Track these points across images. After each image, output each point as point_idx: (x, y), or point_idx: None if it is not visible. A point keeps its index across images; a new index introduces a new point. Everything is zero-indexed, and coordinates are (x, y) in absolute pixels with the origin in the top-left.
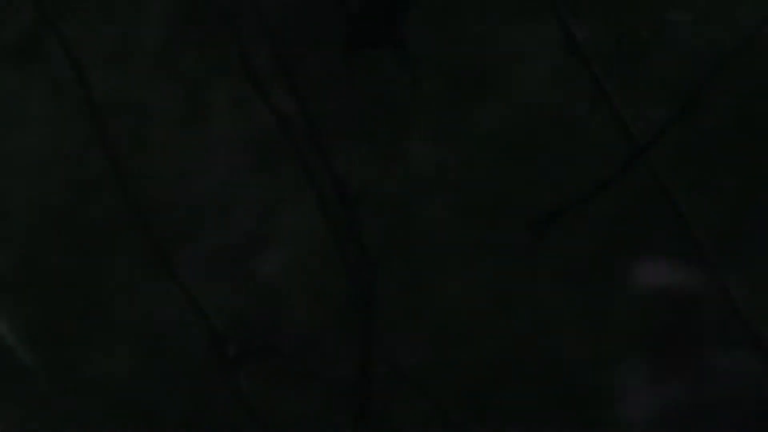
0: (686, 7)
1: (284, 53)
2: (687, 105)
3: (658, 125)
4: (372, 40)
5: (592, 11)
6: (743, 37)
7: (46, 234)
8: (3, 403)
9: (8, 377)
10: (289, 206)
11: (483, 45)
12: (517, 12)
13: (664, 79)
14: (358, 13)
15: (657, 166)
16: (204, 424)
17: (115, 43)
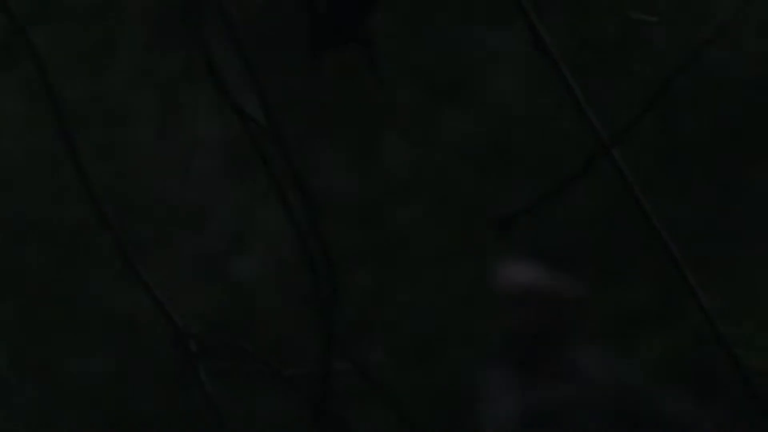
0: (653, 7)
1: (250, 56)
2: (651, 103)
3: (623, 125)
4: (338, 39)
5: (558, 12)
6: (711, 36)
7: (19, 237)
8: None
9: None
10: (264, 210)
11: (457, 48)
12: (491, 15)
13: (632, 78)
14: (325, 13)
15: (631, 170)
16: (180, 426)
17: (91, 47)
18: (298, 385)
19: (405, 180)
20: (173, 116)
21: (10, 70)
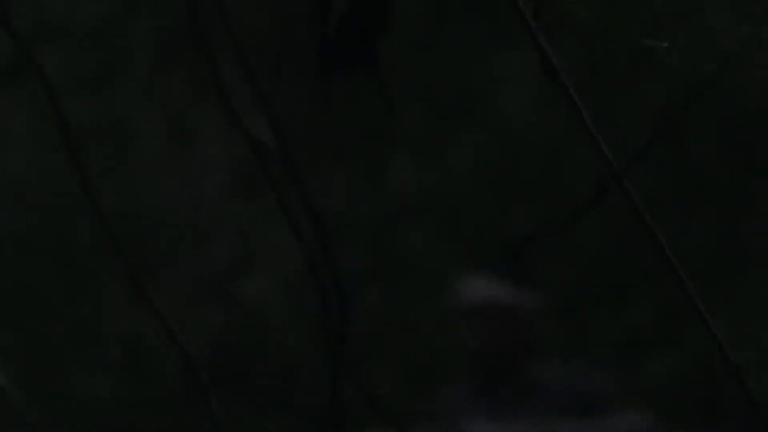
0: (664, 33)
1: (259, 78)
2: (662, 130)
3: (635, 150)
4: (347, 63)
5: (569, 37)
6: (721, 62)
7: (26, 258)
8: None
9: None
10: (271, 232)
11: (466, 73)
12: (501, 39)
13: (643, 104)
14: (334, 37)
15: (641, 193)
16: None
17: (99, 68)
18: (307, 412)
19: (414, 203)
20: (180, 138)
21: (16, 90)
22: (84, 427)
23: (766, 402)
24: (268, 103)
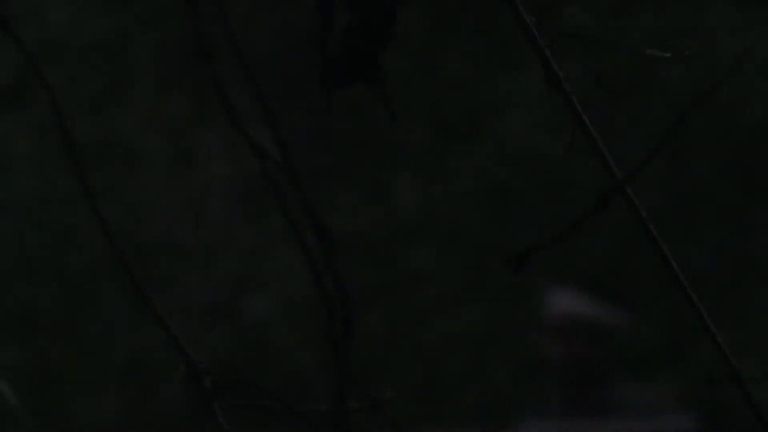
0: (667, 45)
1: (264, 93)
2: (663, 142)
3: (637, 163)
4: (351, 79)
5: (572, 49)
6: (723, 74)
7: (32, 277)
8: None
9: None
10: (274, 249)
11: (469, 89)
12: (505, 58)
13: (646, 116)
14: (337, 53)
15: (643, 209)
16: None
17: (103, 88)
18: (312, 423)
19: (417, 220)
20: (184, 156)
21: (19, 111)
22: None
23: None
24: (274, 121)
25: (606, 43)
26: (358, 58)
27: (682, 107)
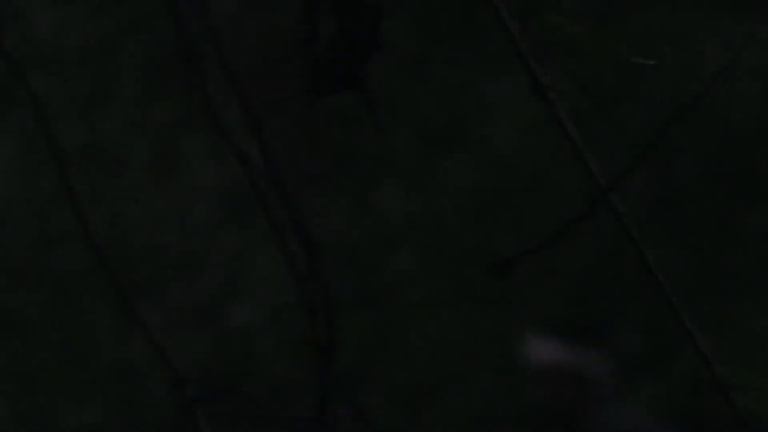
0: (651, 52)
1: (250, 101)
2: (648, 149)
3: (621, 171)
4: (337, 86)
5: (557, 58)
6: (708, 81)
7: (14, 284)
8: None
9: None
10: (258, 256)
11: (454, 96)
12: (489, 64)
13: (630, 124)
14: (324, 60)
15: (627, 216)
16: None
17: (88, 93)
18: (296, 429)
19: (402, 226)
20: (169, 163)
21: (4, 116)
22: None
23: (752, 419)
24: (258, 127)
25: (590, 51)
26: (345, 66)
27: (667, 114)
